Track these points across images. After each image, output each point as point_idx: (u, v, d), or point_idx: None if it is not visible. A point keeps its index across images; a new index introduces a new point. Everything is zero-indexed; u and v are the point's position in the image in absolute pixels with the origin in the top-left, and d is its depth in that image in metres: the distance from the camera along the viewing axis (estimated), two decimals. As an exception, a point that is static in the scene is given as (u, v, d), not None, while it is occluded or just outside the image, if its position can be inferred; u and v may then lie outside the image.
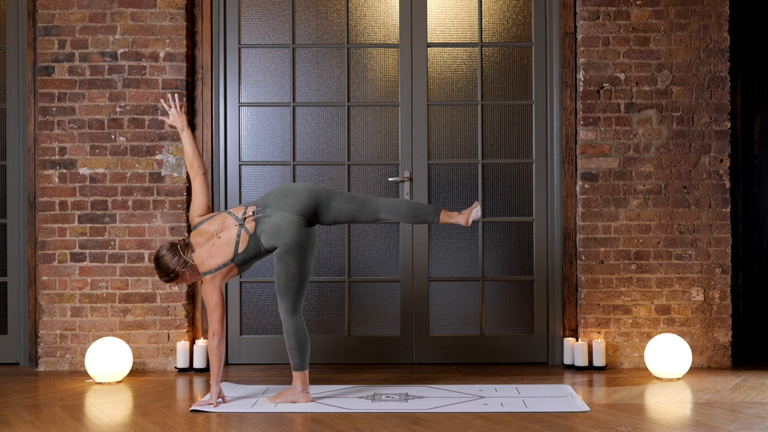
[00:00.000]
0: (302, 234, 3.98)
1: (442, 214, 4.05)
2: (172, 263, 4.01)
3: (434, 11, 5.15)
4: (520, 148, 5.12)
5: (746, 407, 3.91)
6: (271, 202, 4.04)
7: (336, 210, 4.04)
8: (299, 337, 4.00)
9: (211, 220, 4.08)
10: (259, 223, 4.01)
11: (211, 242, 4.04)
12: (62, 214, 4.93)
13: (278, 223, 3.98)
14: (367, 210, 4.06)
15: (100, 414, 3.89)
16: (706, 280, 4.89)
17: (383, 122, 5.13)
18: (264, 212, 4.03)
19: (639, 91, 4.91)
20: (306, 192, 4.03)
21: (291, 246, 3.96)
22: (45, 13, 4.94)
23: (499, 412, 3.84)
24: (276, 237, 3.97)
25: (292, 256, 3.96)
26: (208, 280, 4.02)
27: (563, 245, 5.02)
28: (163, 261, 4.02)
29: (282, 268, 3.98)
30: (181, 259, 4.02)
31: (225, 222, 4.06)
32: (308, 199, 4.01)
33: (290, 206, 4.00)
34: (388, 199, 4.08)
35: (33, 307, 5.04)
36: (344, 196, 4.08)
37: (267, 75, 5.16)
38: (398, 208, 4.06)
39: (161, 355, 4.92)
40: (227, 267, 4.02)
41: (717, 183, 4.89)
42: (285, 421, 3.72)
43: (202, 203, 4.14)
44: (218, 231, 4.05)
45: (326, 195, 4.05)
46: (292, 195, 4.02)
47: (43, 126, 4.95)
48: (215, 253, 4.02)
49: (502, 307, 5.12)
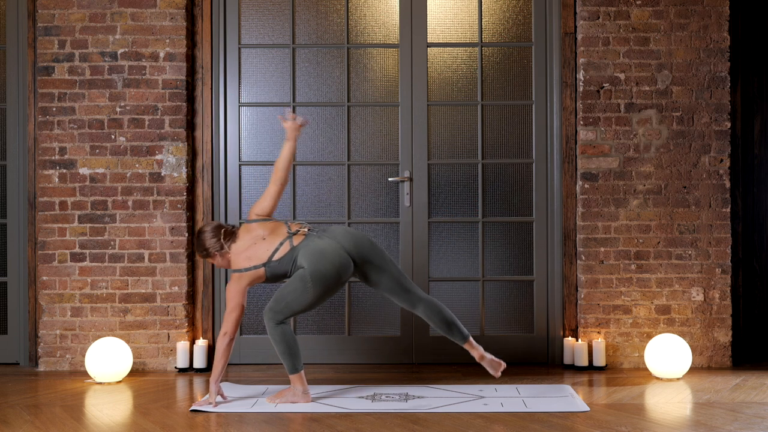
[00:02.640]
0: (339, 271, 3.95)
1: (467, 343, 4.08)
2: (208, 243, 4.06)
3: (434, 11, 5.15)
4: (520, 148, 5.12)
5: (746, 407, 3.91)
6: (332, 231, 4.03)
7: (382, 278, 4.04)
8: (287, 340, 3.98)
9: (265, 223, 4.09)
10: (306, 240, 4.00)
11: (254, 242, 4.04)
12: (62, 214, 4.93)
13: (325, 248, 3.95)
14: (409, 298, 4.07)
15: (100, 414, 3.89)
16: (706, 280, 4.89)
17: (383, 122, 5.13)
18: (317, 232, 4.03)
19: (639, 91, 4.91)
20: (368, 242, 4.04)
21: (321, 275, 3.92)
22: (45, 13, 4.94)
23: (499, 412, 3.84)
24: (313, 259, 3.92)
25: (315, 284, 3.93)
26: (235, 279, 4.02)
27: (563, 245, 5.02)
28: (202, 238, 4.08)
29: (298, 287, 3.95)
30: (218, 243, 4.05)
31: (276, 229, 4.06)
32: (366, 249, 4.01)
33: (346, 243, 3.99)
34: (431, 301, 4.07)
35: (33, 307, 5.04)
36: (397, 272, 4.06)
37: (267, 75, 5.16)
38: (436, 314, 4.06)
39: (161, 355, 4.92)
40: (257, 271, 4.01)
41: (717, 183, 4.89)
42: (285, 421, 3.72)
43: (267, 207, 4.15)
44: (265, 235, 4.06)
45: (381, 258, 4.04)
46: (353, 236, 4.02)
47: (43, 126, 4.95)
48: (252, 255, 4.02)
49: (502, 307, 5.12)
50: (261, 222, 4.11)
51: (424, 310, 4.07)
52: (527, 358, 5.06)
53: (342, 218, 5.10)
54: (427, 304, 4.08)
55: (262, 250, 4.02)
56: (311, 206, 5.13)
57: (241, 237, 4.09)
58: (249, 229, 4.10)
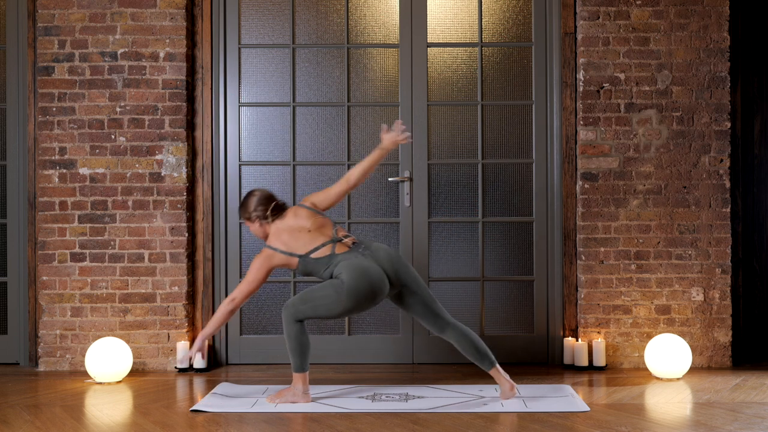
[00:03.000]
0: (375, 293, 3.93)
1: (494, 370, 4.02)
2: (254, 207, 4.07)
3: (434, 11, 5.14)
4: (520, 148, 5.12)
5: (746, 407, 3.91)
6: (375, 250, 3.99)
7: (413, 302, 4.03)
8: (301, 340, 4.00)
9: (315, 216, 4.07)
10: (349, 253, 3.97)
11: (298, 230, 4.02)
12: (62, 214, 4.93)
13: (368, 269, 3.92)
14: (437, 323, 4.04)
15: (100, 414, 3.89)
16: (706, 280, 4.89)
17: (383, 122, 5.12)
18: (361, 248, 3.99)
19: (639, 91, 4.91)
20: (405, 266, 4.00)
21: (357, 292, 3.91)
22: (45, 13, 4.94)
23: (499, 412, 3.84)
24: (355, 275, 3.90)
25: (349, 299, 3.91)
26: (267, 256, 4.00)
27: (563, 245, 5.02)
28: (250, 200, 4.09)
29: (331, 295, 3.93)
30: (261, 212, 4.05)
31: (323, 228, 4.04)
32: (403, 273, 3.98)
33: (387, 266, 3.97)
34: (460, 327, 4.03)
35: (33, 307, 5.04)
36: (429, 297, 4.03)
37: (267, 75, 5.16)
38: (464, 340, 4.01)
39: (161, 355, 4.92)
40: (291, 259, 3.99)
41: (717, 183, 4.89)
42: (285, 421, 3.72)
43: (325, 202, 4.14)
44: (311, 228, 4.03)
45: (416, 283, 4.02)
46: (393, 260, 3.98)
47: (43, 126, 4.95)
48: (290, 242, 3.99)
49: (502, 307, 5.12)
50: (312, 213, 4.07)
51: (452, 335, 4.03)
52: (527, 358, 5.06)
53: (342, 218, 5.10)
54: (456, 330, 4.03)
55: (302, 243, 3.99)
56: (311, 206, 5.13)
57: (287, 217, 4.06)
58: (297, 214, 4.07)
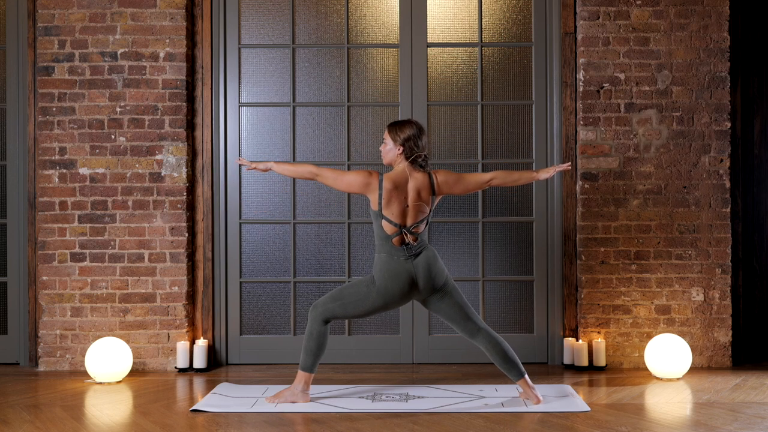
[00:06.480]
0: (402, 298, 3.98)
1: (522, 381, 4.00)
2: (408, 136, 3.97)
3: (434, 11, 5.15)
4: (520, 148, 5.12)
5: (746, 407, 3.91)
6: (418, 257, 3.96)
7: (443, 305, 4.02)
8: (321, 341, 4.02)
9: (423, 205, 3.99)
10: (396, 249, 3.95)
11: (404, 193, 3.95)
12: (62, 214, 4.93)
13: (400, 273, 3.94)
14: (468, 327, 4.03)
15: (100, 414, 3.89)
16: (706, 280, 4.89)
17: (383, 122, 5.12)
18: (406, 251, 3.95)
19: (639, 91, 4.91)
20: (441, 270, 3.99)
21: (386, 292, 3.96)
22: (45, 13, 4.94)
23: (500, 412, 3.85)
24: (387, 275, 3.95)
25: (379, 295, 3.96)
26: (373, 175, 3.94)
27: (563, 245, 5.02)
28: (413, 130, 3.98)
29: (362, 292, 3.98)
30: (409, 147, 3.97)
31: (415, 213, 3.96)
32: (438, 281, 3.98)
33: (422, 272, 3.96)
34: (491, 333, 4.02)
35: (33, 307, 5.04)
36: (461, 300, 4.03)
37: (267, 75, 5.16)
38: (494, 347, 4.00)
39: (161, 355, 4.92)
40: (375, 197, 3.94)
41: (717, 183, 4.89)
42: (285, 421, 3.72)
43: (459, 186, 4.05)
44: (409, 203, 3.95)
45: (450, 287, 4.02)
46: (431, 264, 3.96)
47: (43, 126, 4.95)
48: (394, 195, 3.93)
49: (502, 307, 5.12)
50: (427, 195, 3.99)
51: (482, 340, 4.01)
52: (527, 358, 5.06)
53: (342, 218, 5.10)
54: (487, 336, 4.01)
55: (392, 206, 3.95)
56: (311, 206, 5.13)
57: (414, 176, 3.98)
58: (420, 184, 3.98)
